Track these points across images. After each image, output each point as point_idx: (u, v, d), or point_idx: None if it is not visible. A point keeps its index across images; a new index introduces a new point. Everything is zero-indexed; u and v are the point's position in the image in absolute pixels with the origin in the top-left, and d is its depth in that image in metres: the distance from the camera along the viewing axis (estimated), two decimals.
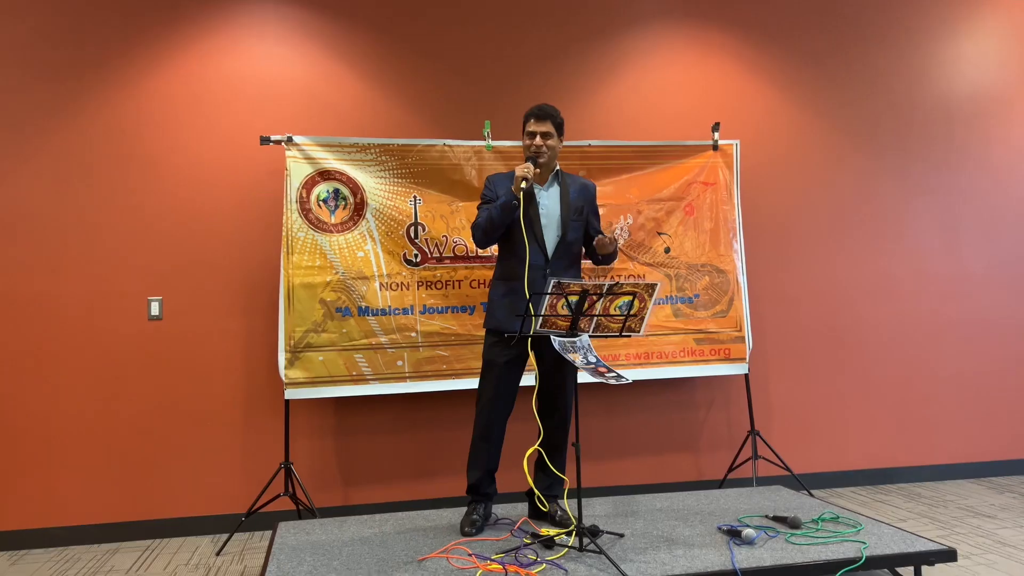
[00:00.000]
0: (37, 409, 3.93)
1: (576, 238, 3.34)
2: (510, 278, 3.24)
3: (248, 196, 4.17)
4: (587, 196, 3.39)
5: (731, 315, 4.37)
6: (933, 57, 4.98)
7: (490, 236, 3.24)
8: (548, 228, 3.27)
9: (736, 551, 2.81)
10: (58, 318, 3.97)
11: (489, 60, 4.48)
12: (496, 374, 3.23)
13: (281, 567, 2.80)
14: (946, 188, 4.94)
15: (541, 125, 3.25)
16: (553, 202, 3.30)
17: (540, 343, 3.20)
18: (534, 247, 3.22)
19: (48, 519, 3.92)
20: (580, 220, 3.34)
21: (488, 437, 3.24)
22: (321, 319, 3.92)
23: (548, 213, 3.28)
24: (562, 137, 3.34)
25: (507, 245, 3.29)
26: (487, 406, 3.24)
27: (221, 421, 4.09)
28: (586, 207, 3.36)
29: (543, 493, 3.29)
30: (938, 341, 4.87)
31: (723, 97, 4.72)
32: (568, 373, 3.25)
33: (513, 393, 3.27)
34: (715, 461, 4.57)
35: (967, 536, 3.65)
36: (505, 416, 3.27)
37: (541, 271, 3.21)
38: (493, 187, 3.30)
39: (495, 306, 3.28)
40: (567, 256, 3.30)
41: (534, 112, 3.28)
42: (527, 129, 3.27)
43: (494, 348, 3.25)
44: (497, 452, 3.29)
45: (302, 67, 4.28)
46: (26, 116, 3.99)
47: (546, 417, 3.28)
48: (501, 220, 3.18)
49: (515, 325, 3.15)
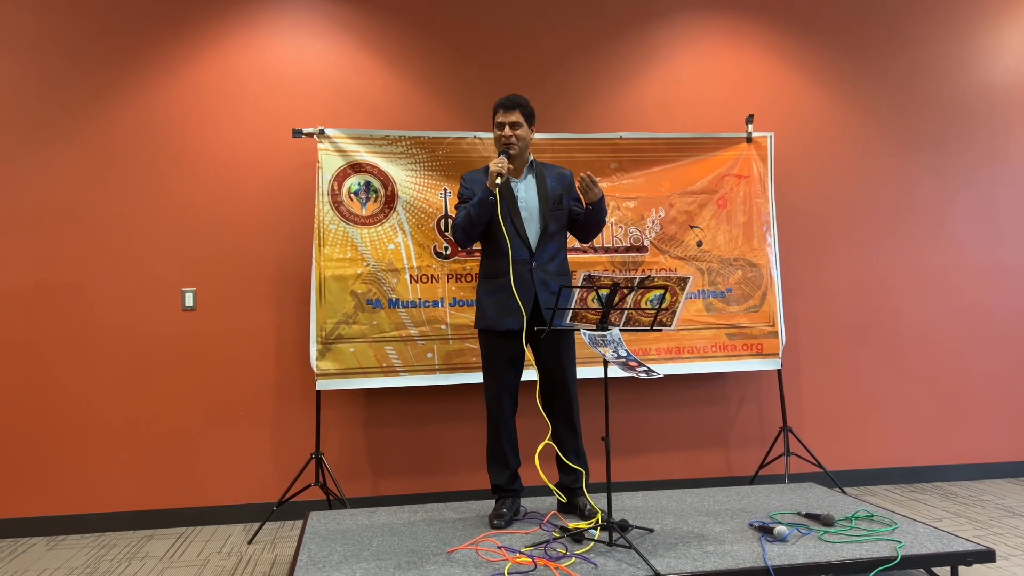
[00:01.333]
0: (73, 398, 4.00)
1: (559, 227, 3.26)
2: (496, 275, 3.19)
3: (280, 188, 4.20)
4: (565, 183, 3.30)
5: (764, 310, 4.32)
6: (974, 48, 4.86)
7: (471, 235, 3.17)
8: (529, 221, 3.21)
9: (768, 548, 2.77)
10: (93, 309, 4.04)
11: (520, 52, 4.46)
12: (496, 375, 3.21)
13: (312, 556, 2.82)
14: (986, 180, 4.83)
15: (509, 115, 3.17)
16: (531, 194, 3.24)
17: (536, 335, 3.18)
18: (516, 241, 3.16)
19: (84, 506, 3.99)
20: (561, 209, 3.26)
21: (501, 437, 3.24)
22: (352, 311, 3.94)
23: (527, 206, 3.22)
24: (533, 127, 3.25)
25: (489, 242, 3.24)
26: (494, 408, 3.23)
27: (253, 411, 4.14)
28: (565, 195, 3.28)
29: (570, 487, 3.28)
30: (976, 336, 4.77)
31: (757, 89, 4.66)
32: (566, 363, 3.22)
33: (515, 390, 3.26)
34: (746, 457, 4.53)
35: (1005, 536, 3.57)
36: (512, 414, 3.26)
37: (526, 265, 3.16)
38: (470, 185, 3.24)
39: (484, 305, 3.23)
40: (551, 247, 3.23)
41: (502, 102, 3.20)
42: (496, 120, 3.20)
43: (491, 348, 3.22)
44: (514, 450, 3.28)
45: (334, 60, 4.30)
46: (60, 107, 4.06)
47: (553, 409, 3.26)
48: (480, 217, 3.11)
49: (506, 323, 3.14)
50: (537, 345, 3.23)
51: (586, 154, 4.20)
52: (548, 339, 3.18)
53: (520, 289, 3.12)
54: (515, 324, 3.12)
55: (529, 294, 3.14)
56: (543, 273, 3.18)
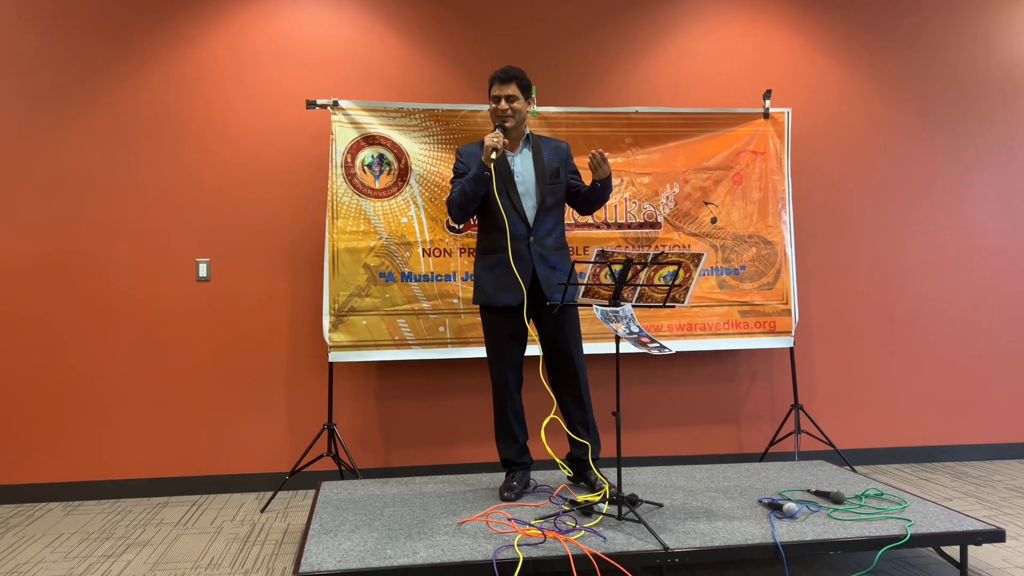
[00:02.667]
0: (89, 367, 4.04)
1: (556, 201, 3.23)
2: (493, 250, 3.17)
3: (294, 160, 4.20)
4: (561, 156, 3.26)
5: (777, 287, 4.30)
6: (996, 25, 4.77)
7: (466, 210, 3.14)
8: (526, 195, 3.18)
9: (777, 524, 2.78)
10: (108, 279, 4.07)
11: (535, 25, 4.42)
12: (499, 351, 3.21)
13: (324, 525, 2.85)
14: (1006, 160, 4.76)
15: (505, 88, 3.12)
16: (527, 167, 3.20)
17: (536, 310, 3.18)
18: (513, 216, 3.13)
19: (100, 472, 4.05)
20: (558, 183, 3.22)
21: (507, 412, 3.25)
22: (365, 284, 3.95)
23: (524, 180, 3.18)
24: (530, 100, 3.21)
25: (486, 217, 3.21)
26: (500, 383, 3.23)
27: (266, 382, 4.17)
28: (562, 168, 3.24)
29: (579, 459, 3.29)
30: (991, 317, 4.73)
31: (774, 64, 4.59)
32: (571, 331, 3.20)
33: (520, 365, 3.26)
34: (757, 434, 4.53)
35: (1016, 517, 3.57)
36: (518, 389, 3.27)
37: (524, 240, 3.14)
38: (465, 159, 3.20)
39: (482, 281, 3.22)
40: (548, 221, 3.20)
41: (498, 75, 3.15)
42: (492, 93, 3.16)
43: (492, 324, 3.22)
44: (521, 424, 3.30)
45: (348, 31, 4.27)
46: (74, 78, 4.05)
47: (559, 383, 3.26)
48: (475, 192, 3.08)
49: (503, 298, 3.13)
50: (540, 319, 3.22)
51: (601, 128, 4.17)
52: (550, 313, 3.17)
53: (518, 264, 3.10)
54: (512, 300, 3.12)
55: (527, 269, 3.13)
56: (541, 248, 3.16)
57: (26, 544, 3.37)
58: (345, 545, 2.64)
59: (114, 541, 3.39)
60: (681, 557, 2.57)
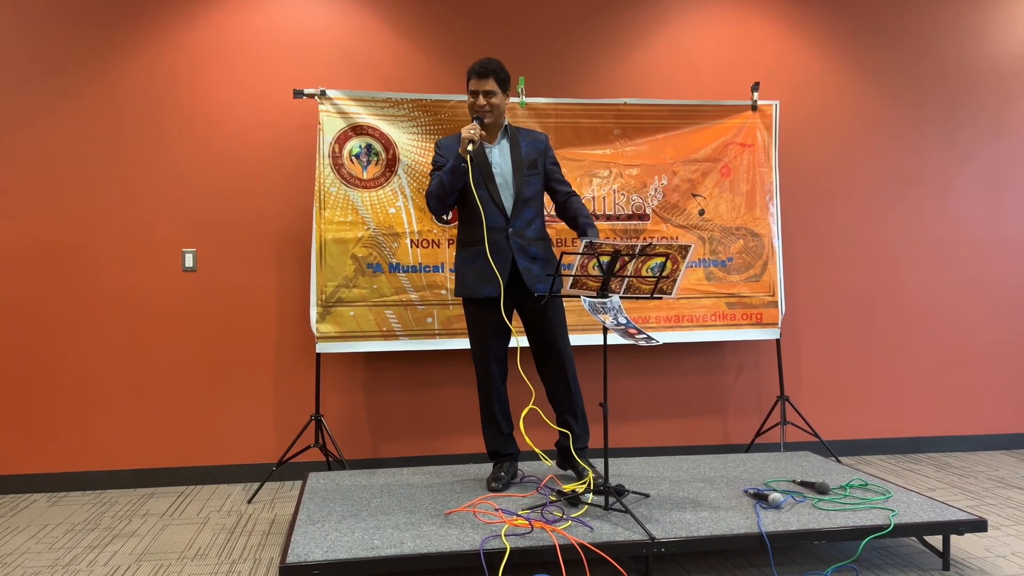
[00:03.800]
0: (74, 357, 4.02)
1: (534, 193, 3.22)
2: (472, 243, 3.17)
3: (281, 150, 4.17)
4: (539, 147, 3.26)
5: (764, 279, 4.32)
6: (985, 18, 4.79)
7: (444, 203, 3.14)
8: (503, 187, 3.17)
9: (762, 514, 2.80)
10: (93, 268, 4.03)
11: (524, 16, 4.40)
12: (483, 342, 3.21)
13: (311, 515, 2.85)
14: (993, 152, 4.79)
15: (483, 83, 3.11)
16: (504, 159, 3.20)
17: (520, 301, 3.18)
18: (491, 208, 3.13)
19: (86, 463, 4.03)
20: (536, 173, 3.22)
21: (493, 403, 3.26)
22: (352, 274, 3.93)
23: (501, 171, 3.18)
24: (508, 93, 3.20)
25: (465, 209, 3.21)
26: (484, 374, 3.24)
27: (253, 373, 4.16)
28: (539, 159, 3.24)
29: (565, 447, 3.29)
30: (976, 309, 4.77)
31: (762, 57, 4.60)
32: (555, 323, 3.21)
33: (504, 356, 3.26)
34: (743, 426, 4.56)
35: (998, 507, 3.61)
36: (502, 380, 3.27)
37: (502, 232, 3.14)
38: (444, 152, 3.19)
39: (463, 273, 3.22)
40: (527, 213, 3.19)
41: (475, 69, 3.12)
42: (469, 88, 3.14)
43: (475, 317, 3.22)
44: (506, 415, 3.31)
45: (336, 20, 4.24)
46: (60, 65, 4.01)
47: (547, 372, 3.27)
48: (452, 184, 3.08)
49: (484, 291, 3.14)
50: (524, 310, 3.23)
51: (590, 119, 4.17)
52: (533, 304, 3.18)
53: (496, 256, 3.10)
54: (493, 292, 3.12)
55: (506, 260, 3.12)
56: (520, 239, 3.16)
57: (10, 535, 3.35)
58: (332, 535, 2.64)
59: (100, 532, 3.38)
60: (667, 547, 2.59)
